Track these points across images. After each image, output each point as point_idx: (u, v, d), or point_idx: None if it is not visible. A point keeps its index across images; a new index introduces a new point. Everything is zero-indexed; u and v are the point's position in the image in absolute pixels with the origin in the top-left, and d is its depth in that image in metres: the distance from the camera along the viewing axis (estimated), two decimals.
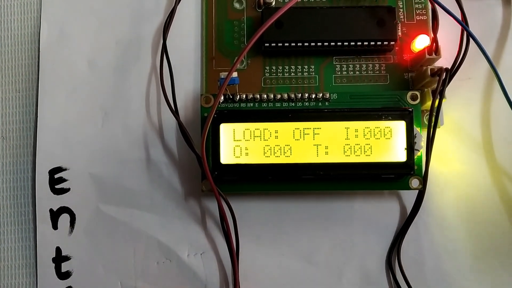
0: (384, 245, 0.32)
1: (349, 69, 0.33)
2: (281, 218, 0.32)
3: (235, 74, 0.29)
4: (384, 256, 0.32)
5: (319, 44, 0.32)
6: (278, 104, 0.31)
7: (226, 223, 0.31)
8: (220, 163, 0.29)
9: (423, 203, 0.31)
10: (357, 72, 0.33)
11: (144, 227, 0.33)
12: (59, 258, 0.33)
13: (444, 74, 0.29)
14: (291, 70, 0.33)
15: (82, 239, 0.33)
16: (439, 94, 0.29)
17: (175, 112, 0.32)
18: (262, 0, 0.33)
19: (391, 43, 0.32)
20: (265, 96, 0.30)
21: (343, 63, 0.33)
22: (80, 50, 0.34)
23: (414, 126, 0.29)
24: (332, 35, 0.31)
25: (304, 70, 0.33)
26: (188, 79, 0.33)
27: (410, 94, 0.30)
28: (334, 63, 0.33)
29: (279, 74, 0.33)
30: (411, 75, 0.33)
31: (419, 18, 0.33)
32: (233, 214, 0.31)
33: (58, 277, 0.33)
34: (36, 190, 0.33)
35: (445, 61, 0.31)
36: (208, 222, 0.33)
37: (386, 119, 0.29)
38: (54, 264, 0.33)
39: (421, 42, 0.31)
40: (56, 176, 0.33)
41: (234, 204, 0.31)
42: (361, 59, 0.33)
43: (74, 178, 0.33)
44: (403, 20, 0.33)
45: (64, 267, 0.33)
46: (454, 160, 0.32)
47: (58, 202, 0.33)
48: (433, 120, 0.30)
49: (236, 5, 0.34)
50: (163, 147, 0.33)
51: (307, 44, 0.32)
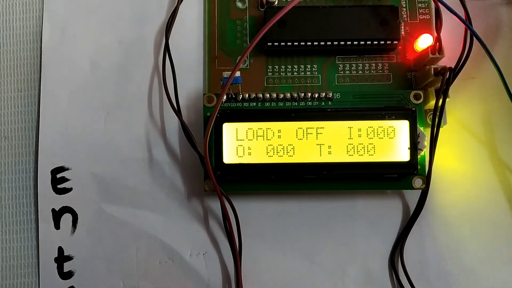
0: (387, 245, 0.32)
1: (352, 68, 0.33)
2: (284, 217, 0.32)
3: (238, 74, 0.29)
4: (387, 256, 0.32)
5: (322, 43, 0.31)
6: (281, 104, 0.31)
7: (229, 223, 0.31)
8: (223, 162, 0.29)
9: (426, 203, 0.31)
10: (360, 72, 0.33)
11: (147, 227, 0.32)
12: (61, 258, 0.33)
13: (448, 73, 0.29)
14: (294, 70, 0.33)
15: (84, 239, 0.33)
16: (443, 93, 0.29)
17: (178, 112, 0.32)
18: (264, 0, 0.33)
19: (394, 42, 0.31)
20: (268, 95, 0.30)
21: (346, 62, 0.33)
22: (82, 49, 0.34)
23: (418, 126, 0.29)
24: (335, 35, 0.31)
25: (307, 69, 0.33)
26: (190, 78, 0.33)
27: (413, 93, 0.30)
28: (337, 62, 0.33)
29: (282, 74, 0.33)
30: (415, 74, 0.32)
31: (422, 17, 0.33)
32: (235, 214, 0.31)
33: (60, 277, 0.32)
34: (38, 190, 0.33)
35: (448, 60, 0.31)
36: (211, 222, 0.33)
37: (389, 118, 0.29)
38: (56, 264, 0.33)
39: (424, 42, 0.31)
40: (58, 175, 0.33)
41: (237, 204, 0.31)
42: (364, 58, 0.33)
43: (76, 177, 0.33)
44: (406, 19, 0.33)
45: (66, 267, 0.33)
46: (457, 160, 0.32)
47: (60, 201, 0.33)
48: (436, 119, 0.29)
49: (239, 4, 0.34)
50: (166, 146, 0.33)
51: (310, 43, 0.31)
